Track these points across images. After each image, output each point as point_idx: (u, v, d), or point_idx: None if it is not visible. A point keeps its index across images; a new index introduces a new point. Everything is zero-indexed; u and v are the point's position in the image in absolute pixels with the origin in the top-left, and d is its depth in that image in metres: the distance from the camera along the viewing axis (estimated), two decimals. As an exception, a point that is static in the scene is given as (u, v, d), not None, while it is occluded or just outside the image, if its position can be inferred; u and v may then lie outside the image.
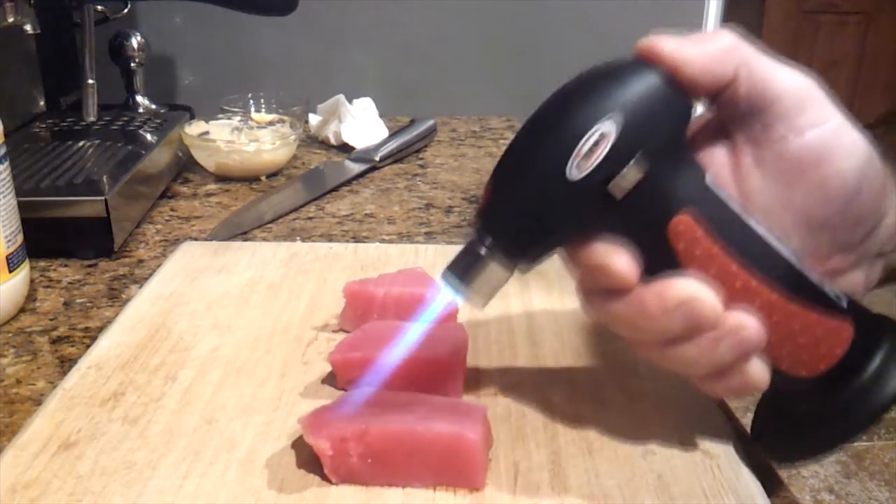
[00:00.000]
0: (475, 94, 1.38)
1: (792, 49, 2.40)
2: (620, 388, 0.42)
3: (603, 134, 0.29)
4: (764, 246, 0.32)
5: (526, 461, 0.37)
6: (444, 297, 0.34)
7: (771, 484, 0.37)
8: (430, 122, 0.93)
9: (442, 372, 0.40)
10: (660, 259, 0.32)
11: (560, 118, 0.30)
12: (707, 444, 0.38)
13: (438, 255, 0.59)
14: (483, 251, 0.32)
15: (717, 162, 0.34)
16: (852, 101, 2.46)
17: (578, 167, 0.30)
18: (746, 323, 0.32)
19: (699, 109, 0.34)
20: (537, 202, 0.31)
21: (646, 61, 0.31)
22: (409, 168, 0.85)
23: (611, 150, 0.29)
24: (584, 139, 0.29)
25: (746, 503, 0.35)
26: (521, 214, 0.31)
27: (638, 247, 0.32)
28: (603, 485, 0.36)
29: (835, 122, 0.32)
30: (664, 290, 0.32)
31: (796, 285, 0.32)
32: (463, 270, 0.33)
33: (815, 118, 0.32)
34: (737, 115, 0.33)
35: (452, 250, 0.60)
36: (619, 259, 0.32)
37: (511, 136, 0.98)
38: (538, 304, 0.51)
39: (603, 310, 0.34)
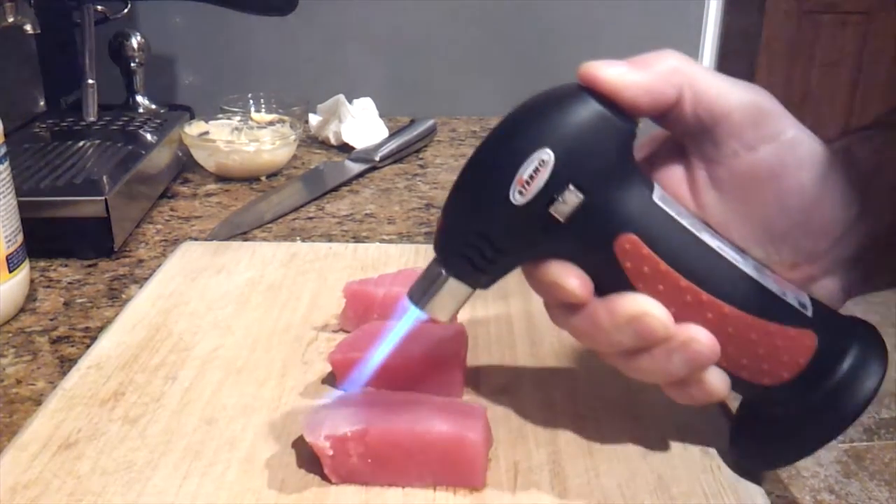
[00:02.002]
0: (475, 94, 1.38)
1: (792, 49, 2.41)
2: (620, 388, 0.42)
3: (542, 161, 0.31)
4: (716, 259, 0.33)
5: (526, 461, 0.37)
6: (410, 315, 0.35)
7: (771, 484, 0.37)
8: (430, 122, 0.93)
9: (442, 372, 0.40)
10: (611, 276, 0.33)
11: (502, 146, 0.32)
12: (707, 444, 0.38)
13: (438, 255, 0.58)
14: (442, 272, 0.34)
15: (673, 177, 0.35)
16: (852, 101, 2.46)
17: (521, 193, 0.31)
18: (697, 336, 0.32)
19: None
20: (485, 226, 0.32)
21: (585, 87, 0.31)
22: (409, 168, 0.85)
23: (549, 176, 0.31)
24: (523, 166, 0.31)
25: (746, 503, 0.35)
26: (472, 238, 0.32)
27: (588, 265, 0.33)
28: (603, 485, 0.36)
29: (789, 135, 0.32)
30: (615, 306, 0.33)
31: (752, 297, 0.33)
32: (424, 291, 0.35)
33: (767, 133, 0.32)
34: (687, 133, 0.33)
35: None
36: (570, 277, 0.33)
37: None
38: (538, 304, 0.51)
39: (563, 322, 0.35)
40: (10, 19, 0.70)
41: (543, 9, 1.35)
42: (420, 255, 0.59)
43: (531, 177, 0.31)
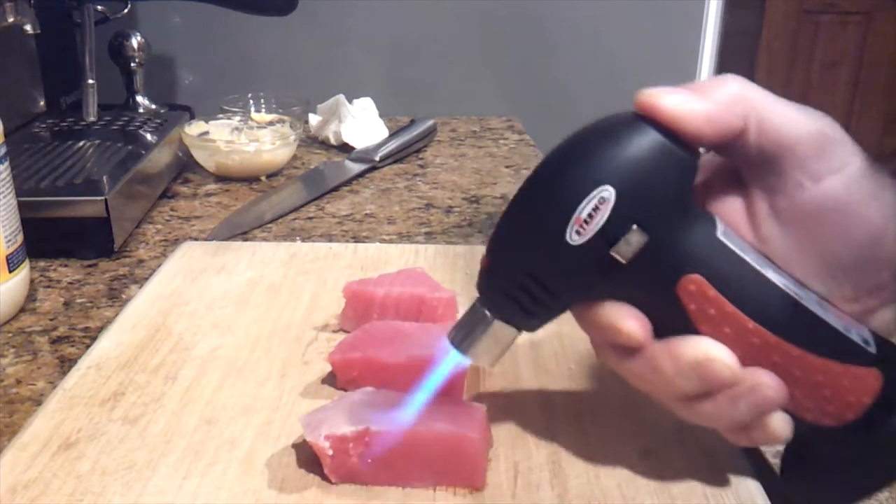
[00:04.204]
0: (475, 94, 1.38)
1: (792, 49, 2.41)
2: (620, 388, 0.42)
3: (602, 199, 0.29)
4: (783, 298, 0.31)
5: (526, 461, 0.37)
6: (450, 359, 0.34)
7: (771, 484, 0.37)
8: (430, 122, 0.93)
9: (442, 372, 0.40)
10: (672, 318, 0.31)
11: (557, 182, 0.30)
12: (707, 444, 0.38)
13: (438, 255, 0.59)
14: (486, 315, 0.32)
15: (731, 208, 0.33)
16: (852, 101, 2.46)
17: (578, 233, 0.29)
18: (765, 381, 0.31)
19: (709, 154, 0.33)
20: (538, 268, 0.30)
21: (645, 118, 0.30)
22: (409, 168, 0.85)
23: (611, 215, 0.29)
24: (582, 205, 0.29)
25: (746, 503, 0.35)
26: (522, 280, 0.31)
27: (648, 306, 0.31)
28: (603, 485, 0.36)
29: (855, 167, 0.31)
30: (677, 350, 0.31)
31: (819, 337, 0.31)
32: (466, 334, 0.33)
33: (833, 164, 0.31)
34: (748, 163, 0.32)
35: (452, 250, 0.60)
36: (628, 319, 0.31)
37: (511, 136, 0.98)
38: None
39: (617, 365, 0.33)
40: (10, 19, 0.70)
41: (543, 9, 1.35)
42: (420, 255, 0.59)
43: (590, 216, 0.29)
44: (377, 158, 0.83)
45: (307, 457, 0.36)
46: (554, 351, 0.46)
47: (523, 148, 0.93)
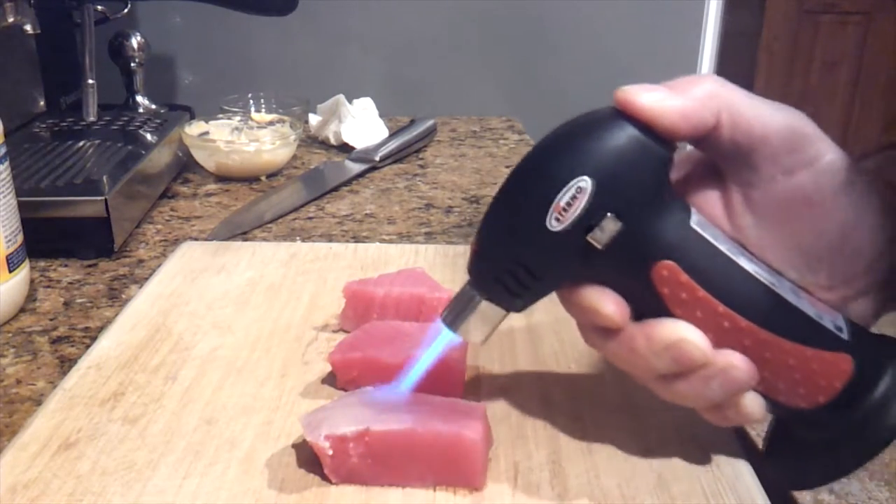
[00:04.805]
0: (475, 94, 1.38)
1: (792, 49, 2.41)
2: (620, 388, 0.42)
3: (580, 188, 0.31)
4: (754, 285, 0.32)
5: (526, 461, 0.37)
6: (443, 336, 0.36)
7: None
8: (430, 122, 0.93)
9: (442, 372, 0.40)
10: (648, 302, 0.33)
11: (539, 172, 0.32)
12: (707, 444, 0.38)
13: (438, 255, 0.59)
14: (475, 295, 0.34)
15: (708, 200, 0.34)
16: (852, 102, 2.46)
17: (558, 219, 0.31)
18: (735, 363, 0.32)
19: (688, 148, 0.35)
20: (521, 252, 0.32)
21: (623, 113, 0.31)
22: (409, 168, 0.85)
23: (587, 203, 0.31)
24: (560, 193, 0.31)
25: (746, 503, 0.35)
26: (507, 263, 0.32)
27: (626, 291, 0.33)
28: (603, 484, 0.36)
29: (827, 160, 0.32)
30: (652, 331, 0.33)
31: (790, 322, 0.32)
32: (457, 314, 0.35)
33: (805, 157, 0.32)
34: (723, 157, 0.33)
35: (452, 250, 0.60)
36: (607, 302, 0.33)
37: (511, 136, 0.98)
38: (538, 304, 0.51)
39: (599, 346, 0.35)
40: (10, 19, 0.70)
41: (543, 9, 1.35)
42: (420, 255, 0.59)
43: (568, 204, 0.31)
44: (377, 158, 0.83)
45: (307, 457, 0.36)
46: (554, 350, 0.46)
47: (523, 148, 0.93)
